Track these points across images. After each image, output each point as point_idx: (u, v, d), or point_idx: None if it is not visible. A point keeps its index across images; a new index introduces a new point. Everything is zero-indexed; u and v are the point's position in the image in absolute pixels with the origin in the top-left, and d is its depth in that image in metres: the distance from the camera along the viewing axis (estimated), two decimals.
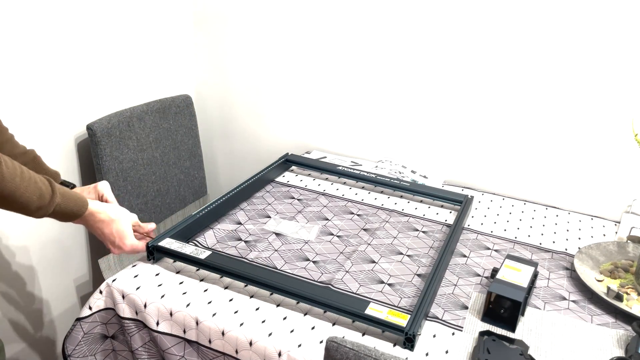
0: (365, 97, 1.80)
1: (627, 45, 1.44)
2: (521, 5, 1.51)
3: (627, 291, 1.19)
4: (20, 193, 0.94)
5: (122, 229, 1.13)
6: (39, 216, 1.00)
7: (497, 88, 1.61)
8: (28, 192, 0.95)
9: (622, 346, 1.06)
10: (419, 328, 1.02)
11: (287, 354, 1.00)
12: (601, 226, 1.53)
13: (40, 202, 0.97)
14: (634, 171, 1.53)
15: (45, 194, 0.98)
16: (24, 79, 1.38)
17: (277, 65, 1.90)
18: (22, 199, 0.95)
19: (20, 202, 0.95)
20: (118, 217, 1.13)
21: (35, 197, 0.96)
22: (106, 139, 1.53)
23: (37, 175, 0.98)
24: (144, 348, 1.14)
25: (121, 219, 1.14)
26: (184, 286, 1.15)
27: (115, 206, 1.16)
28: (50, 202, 0.99)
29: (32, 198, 0.96)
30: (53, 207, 1.00)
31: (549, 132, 1.60)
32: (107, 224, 1.11)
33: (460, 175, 1.76)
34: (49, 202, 0.99)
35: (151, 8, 1.75)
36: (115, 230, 1.12)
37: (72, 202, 1.04)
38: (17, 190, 0.93)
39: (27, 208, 0.96)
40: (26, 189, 0.95)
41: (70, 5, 1.46)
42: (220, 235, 1.35)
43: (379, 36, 1.71)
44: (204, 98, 2.07)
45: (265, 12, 1.84)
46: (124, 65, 1.68)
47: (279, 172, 1.71)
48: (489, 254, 1.34)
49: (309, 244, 1.34)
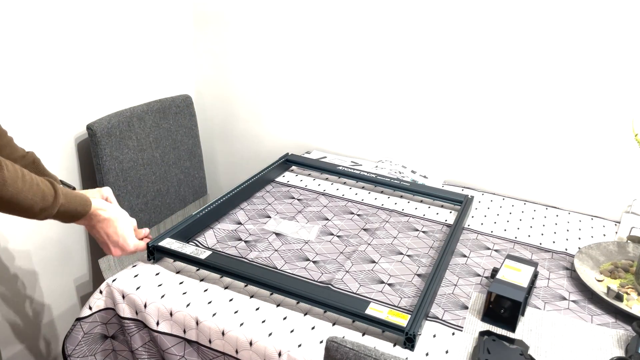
0: (365, 97, 1.80)
1: (627, 45, 1.44)
2: (521, 6, 1.51)
3: (627, 291, 1.19)
4: (24, 196, 0.94)
5: (125, 228, 1.13)
6: (42, 218, 0.99)
7: (497, 88, 1.61)
8: (31, 194, 0.95)
9: (622, 346, 1.06)
10: (419, 328, 1.02)
11: (287, 354, 1.00)
12: (601, 226, 1.53)
13: (44, 203, 0.97)
14: (634, 171, 1.53)
15: (48, 196, 0.98)
16: (24, 79, 1.38)
17: (277, 65, 1.90)
18: (26, 202, 0.94)
19: (23, 205, 0.95)
20: (120, 216, 1.13)
21: (38, 199, 0.96)
22: (106, 139, 1.53)
23: (38, 178, 0.98)
24: (144, 348, 1.14)
25: (123, 217, 1.14)
26: (184, 286, 1.15)
27: (117, 206, 1.16)
28: (54, 203, 0.99)
29: (35, 200, 0.95)
30: (57, 208, 1.00)
31: (549, 132, 1.60)
32: (110, 222, 1.11)
33: (460, 175, 1.76)
34: (52, 203, 0.98)
35: (151, 8, 1.75)
36: (120, 229, 1.12)
37: (75, 201, 1.04)
38: (20, 193, 0.93)
39: (31, 210, 0.96)
40: (29, 191, 0.94)
41: (70, 5, 1.46)
42: (220, 235, 1.35)
43: (379, 36, 1.71)
44: (204, 98, 2.07)
45: (266, 12, 1.84)
46: (124, 65, 1.68)
47: (279, 172, 1.71)
48: (489, 254, 1.34)
49: (309, 244, 1.34)
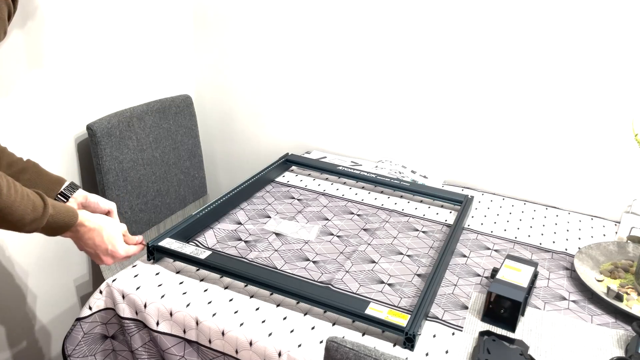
0: (365, 97, 1.80)
1: (627, 46, 1.44)
2: (521, 6, 1.51)
3: (627, 291, 1.19)
4: (16, 207, 0.94)
5: (113, 235, 1.12)
6: (30, 230, 0.99)
7: (497, 88, 1.61)
8: (23, 205, 0.95)
9: (622, 346, 1.06)
10: (419, 328, 1.02)
11: (287, 354, 1.00)
12: (601, 226, 1.53)
13: (34, 214, 0.97)
14: (634, 171, 1.53)
15: (38, 207, 0.98)
16: (24, 79, 1.38)
17: (277, 65, 1.90)
18: (18, 212, 0.94)
19: (15, 216, 0.95)
20: (106, 224, 1.12)
21: (29, 210, 0.96)
22: (106, 139, 1.53)
23: (27, 189, 0.98)
24: (144, 348, 1.14)
25: (110, 225, 1.13)
26: (184, 286, 1.15)
27: (103, 215, 1.14)
28: (43, 214, 0.99)
29: (26, 211, 0.96)
30: (46, 219, 1.00)
31: (549, 133, 1.60)
32: (97, 232, 1.10)
33: (460, 175, 1.76)
34: (42, 214, 0.99)
35: (151, 8, 1.75)
36: (106, 237, 1.11)
37: (62, 213, 1.04)
38: (13, 203, 0.93)
39: (22, 221, 0.96)
40: (21, 202, 0.95)
41: (70, 5, 1.46)
42: (220, 235, 1.35)
43: (378, 36, 1.71)
44: (204, 98, 2.07)
45: (265, 13, 1.84)
46: (124, 65, 1.68)
47: (279, 172, 1.71)
48: (489, 254, 1.34)
49: (309, 244, 1.34)
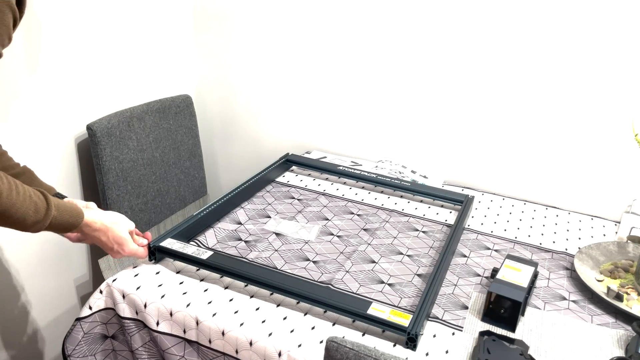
0: (365, 97, 1.80)
1: (627, 46, 1.44)
2: (521, 6, 1.51)
3: (627, 291, 1.19)
4: (17, 208, 0.94)
5: (119, 236, 1.13)
6: (35, 230, 0.99)
7: (497, 88, 1.61)
8: (24, 207, 0.95)
9: (622, 346, 1.06)
10: (421, 328, 1.02)
11: (287, 354, 1.00)
12: (601, 226, 1.53)
13: (37, 216, 0.97)
14: (634, 171, 1.53)
15: (40, 208, 0.98)
16: (24, 79, 1.38)
17: (277, 65, 1.90)
18: (19, 214, 0.94)
19: (16, 218, 0.94)
20: (114, 224, 1.12)
21: (31, 212, 0.96)
22: (106, 139, 1.53)
23: (30, 189, 0.98)
24: (144, 348, 1.14)
25: (118, 225, 1.13)
26: (184, 286, 1.15)
27: (112, 213, 1.15)
28: (46, 215, 0.99)
29: (28, 213, 0.95)
30: (49, 220, 1.00)
31: (549, 133, 1.60)
32: (103, 232, 1.11)
33: (460, 175, 1.76)
34: (44, 215, 0.98)
35: (151, 8, 1.75)
36: (112, 238, 1.12)
37: (67, 213, 1.03)
38: (13, 205, 0.93)
39: (24, 223, 0.96)
40: (22, 203, 0.94)
41: (70, 6, 1.46)
42: (220, 235, 1.35)
43: (378, 36, 1.71)
44: (204, 98, 2.07)
45: (266, 12, 1.84)
46: (124, 65, 1.68)
47: (279, 172, 1.71)
48: (489, 254, 1.34)
49: (309, 244, 1.34)
